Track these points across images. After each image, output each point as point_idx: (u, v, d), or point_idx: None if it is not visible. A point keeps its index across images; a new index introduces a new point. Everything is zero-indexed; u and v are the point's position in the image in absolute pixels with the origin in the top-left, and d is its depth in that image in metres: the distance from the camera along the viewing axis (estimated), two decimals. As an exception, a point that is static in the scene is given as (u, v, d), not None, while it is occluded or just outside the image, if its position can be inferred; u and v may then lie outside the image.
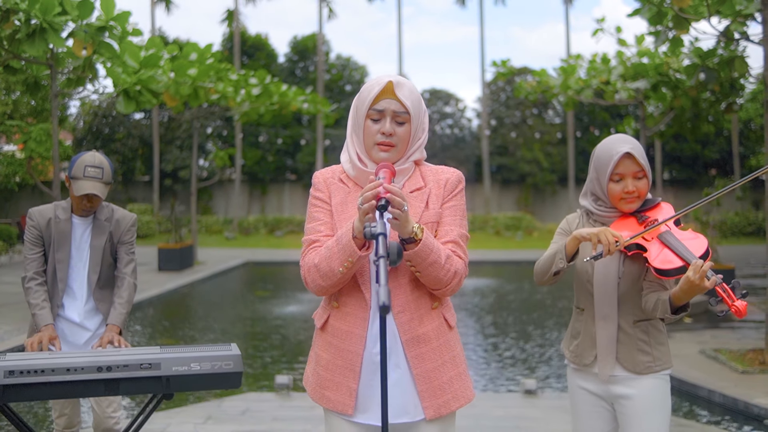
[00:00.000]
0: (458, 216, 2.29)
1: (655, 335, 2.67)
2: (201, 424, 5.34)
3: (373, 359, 2.19)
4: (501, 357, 8.58)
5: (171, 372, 2.62)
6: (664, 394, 2.65)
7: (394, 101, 2.21)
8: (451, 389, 2.23)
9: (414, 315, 2.20)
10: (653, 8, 9.33)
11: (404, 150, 2.27)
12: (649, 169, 2.69)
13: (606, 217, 2.74)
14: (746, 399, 6.00)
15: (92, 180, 3.42)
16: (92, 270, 3.52)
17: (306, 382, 2.38)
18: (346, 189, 2.29)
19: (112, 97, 11.55)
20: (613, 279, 2.66)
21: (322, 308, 2.34)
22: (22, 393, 2.54)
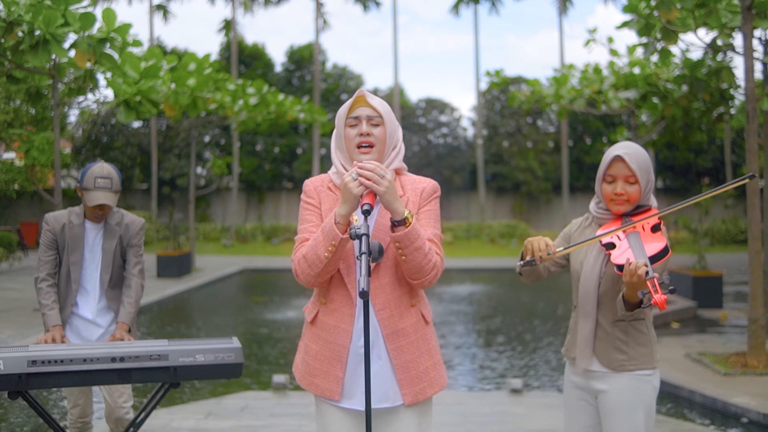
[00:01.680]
0: (433, 219, 2.55)
1: (634, 336, 2.79)
2: (202, 419, 5.59)
3: (357, 351, 2.44)
4: (491, 359, 8.81)
5: (178, 362, 2.86)
6: (639, 393, 2.76)
7: (367, 108, 2.51)
8: (427, 377, 2.49)
9: (394, 312, 2.46)
10: (641, 20, 9.57)
11: (383, 150, 2.52)
12: (644, 177, 2.79)
13: (601, 218, 2.90)
14: (725, 399, 6.24)
15: (102, 190, 3.67)
16: (104, 271, 3.76)
17: (295, 370, 2.62)
18: (334, 196, 2.55)
19: (113, 107, 11.78)
20: (595, 278, 2.82)
21: (312, 304, 2.59)
22: (42, 381, 2.77)
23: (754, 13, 8.47)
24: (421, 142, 33.06)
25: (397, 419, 2.46)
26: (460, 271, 19.11)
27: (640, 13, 9.49)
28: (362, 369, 2.42)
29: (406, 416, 2.46)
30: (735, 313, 11.70)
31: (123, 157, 28.65)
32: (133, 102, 11.38)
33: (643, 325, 2.82)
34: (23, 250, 20.94)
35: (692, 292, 12.36)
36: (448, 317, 11.89)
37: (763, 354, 7.59)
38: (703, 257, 13.01)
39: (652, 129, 16.34)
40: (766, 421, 5.79)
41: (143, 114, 11.54)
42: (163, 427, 5.33)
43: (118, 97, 11.45)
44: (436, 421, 5.41)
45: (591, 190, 32.44)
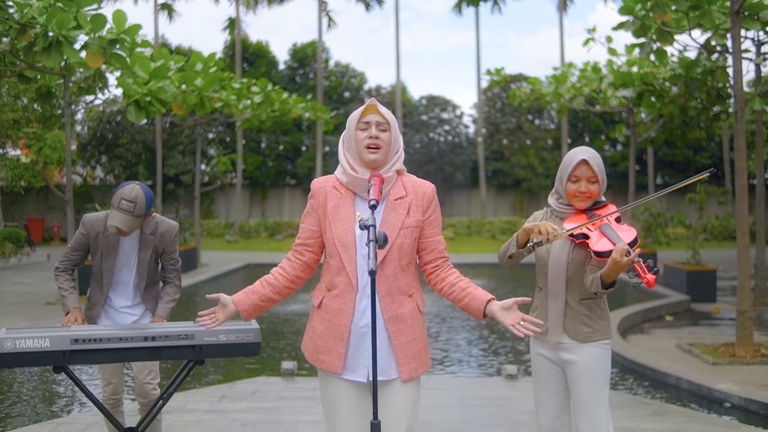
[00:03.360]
0: (439, 227, 2.99)
1: (596, 311, 3.25)
2: (216, 402, 5.95)
3: (359, 331, 2.83)
4: (489, 349, 9.14)
5: (203, 342, 3.20)
6: (602, 359, 3.23)
7: (376, 115, 2.89)
8: (419, 358, 2.89)
9: (395, 299, 2.85)
10: (637, 22, 9.85)
11: (388, 153, 2.89)
12: (603, 178, 3.26)
13: (563, 212, 3.33)
14: (709, 385, 6.57)
15: (123, 213, 3.73)
16: (140, 279, 4.03)
17: (304, 348, 3.01)
18: (339, 195, 2.91)
19: (123, 107, 12.10)
20: (564, 263, 3.26)
21: (318, 290, 2.97)
22: (83, 357, 3.11)
23: (746, 14, 8.77)
24: (422, 139, 33.36)
25: (393, 392, 2.84)
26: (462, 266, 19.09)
27: (636, 14, 9.77)
28: (363, 346, 2.82)
29: (402, 390, 2.84)
30: (728, 306, 12.00)
31: (128, 154, 28.98)
32: (144, 102, 11.68)
33: (602, 302, 3.29)
34: (31, 246, 21.28)
35: (686, 286, 12.67)
36: (450, 310, 12.22)
37: (751, 344, 7.91)
38: (697, 252, 13.32)
39: (651, 127, 16.62)
40: (747, 405, 6.11)
41: (153, 113, 11.86)
42: (180, 409, 5.68)
43: (129, 97, 11.76)
44: (435, 404, 5.79)
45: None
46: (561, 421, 3.33)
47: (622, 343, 8.58)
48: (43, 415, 6.05)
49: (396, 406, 2.82)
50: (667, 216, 16.70)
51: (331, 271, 2.88)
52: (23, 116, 20.88)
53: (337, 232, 2.84)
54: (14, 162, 22.00)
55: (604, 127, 31.62)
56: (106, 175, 30.78)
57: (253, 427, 5.29)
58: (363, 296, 2.82)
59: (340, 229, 2.85)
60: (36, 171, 20.95)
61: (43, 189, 26.05)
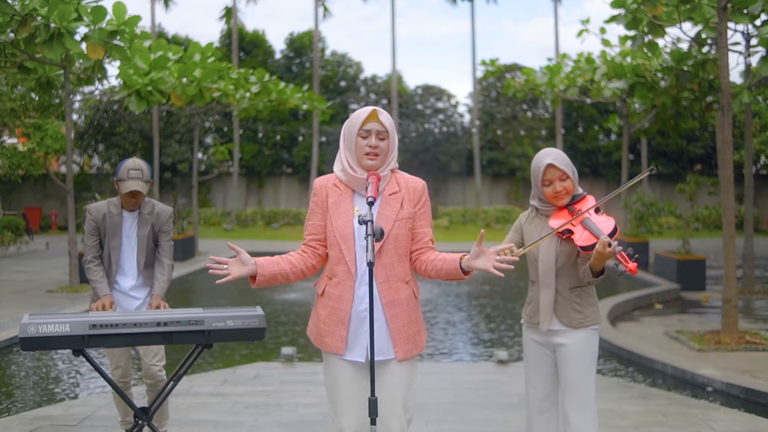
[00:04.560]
0: (428, 218, 3.21)
1: (586, 299, 3.51)
2: (219, 385, 6.20)
3: (358, 315, 3.07)
4: (482, 335, 9.38)
5: (212, 327, 3.43)
6: (591, 342, 3.50)
7: (377, 123, 3.09)
8: (414, 340, 3.13)
9: (392, 285, 3.09)
10: (629, 15, 10.04)
11: (385, 159, 3.13)
12: (572, 171, 3.49)
13: (547, 210, 3.59)
14: (693, 370, 6.83)
15: (134, 180, 4.30)
16: (140, 254, 4.41)
17: (309, 333, 3.27)
18: (339, 191, 3.16)
19: (124, 96, 12.26)
20: (553, 256, 3.50)
21: (321, 279, 3.22)
22: (101, 341, 3.34)
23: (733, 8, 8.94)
24: (418, 128, 33.54)
25: (390, 371, 3.08)
26: (456, 255, 19.61)
27: (628, 7, 9.96)
28: (362, 329, 3.07)
29: (398, 369, 3.09)
30: (717, 295, 12.25)
31: (125, 143, 29.10)
32: (144, 91, 11.84)
33: (591, 290, 3.56)
34: (30, 234, 21.45)
35: (676, 275, 12.93)
36: (444, 298, 12.48)
37: (736, 332, 8.16)
38: (687, 242, 13.57)
39: (644, 117, 16.83)
40: (728, 389, 6.38)
41: (153, 103, 12.04)
42: (185, 392, 5.93)
43: (129, 87, 11.92)
44: (430, 387, 6.04)
45: (585, 176, 32.96)
46: (549, 402, 3.59)
47: (612, 330, 8.83)
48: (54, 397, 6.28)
49: (392, 384, 3.06)
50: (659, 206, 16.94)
51: (332, 261, 3.13)
52: (21, 105, 21.02)
53: (337, 225, 3.08)
54: (12, 150, 22.16)
55: (598, 117, 31.82)
56: (103, 163, 30.91)
57: (256, 409, 5.54)
58: (362, 283, 3.07)
59: (340, 222, 3.09)
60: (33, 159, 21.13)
61: (40, 177, 26.22)
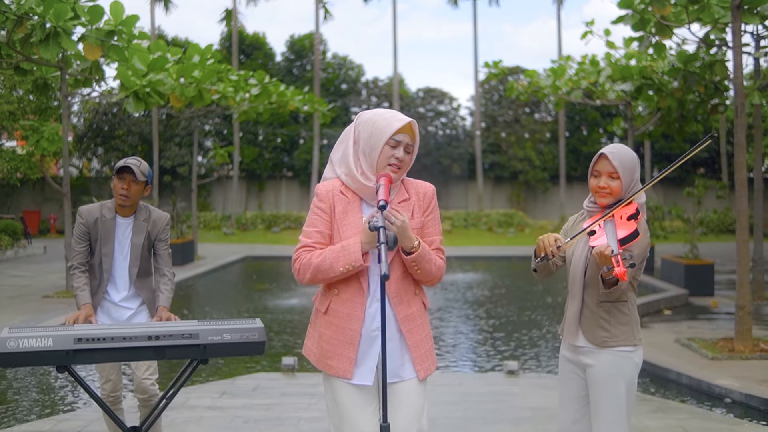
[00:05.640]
0: (437, 225, 2.96)
1: (616, 315, 3.13)
2: (217, 398, 5.94)
3: (370, 335, 2.80)
4: (489, 343, 9.14)
5: (207, 341, 3.17)
6: (620, 368, 3.09)
7: (408, 136, 2.87)
8: (430, 357, 2.89)
9: (404, 299, 2.84)
10: (636, 15, 9.83)
11: (406, 170, 2.91)
12: (626, 174, 3.14)
13: (590, 210, 3.28)
14: (709, 380, 6.58)
15: (130, 162, 4.03)
16: (132, 264, 4.11)
17: (308, 354, 2.97)
18: (346, 200, 2.87)
19: (121, 98, 12.04)
20: (582, 264, 3.19)
21: (323, 295, 2.92)
22: (87, 357, 3.08)
23: (745, 8, 8.74)
24: (420, 131, 33.27)
25: (405, 392, 2.81)
26: (459, 259, 19.43)
27: (635, 8, 9.74)
28: (373, 350, 2.80)
29: (415, 389, 2.82)
30: (725, 300, 12.02)
31: (124, 146, 28.89)
32: (143, 93, 11.62)
33: (626, 306, 3.16)
34: (27, 238, 21.22)
35: (684, 280, 12.68)
36: (448, 304, 12.23)
37: (750, 339, 7.92)
38: (695, 246, 13.32)
39: (648, 120, 16.60)
40: (747, 401, 6.13)
41: (151, 105, 11.81)
42: (181, 405, 5.67)
43: (127, 88, 11.69)
44: (438, 400, 5.79)
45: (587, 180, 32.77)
46: (580, 426, 3.24)
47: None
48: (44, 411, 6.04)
49: (409, 406, 2.81)
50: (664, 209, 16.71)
51: None
52: (19, 108, 20.80)
53: (346, 237, 2.81)
54: (10, 154, 21.93)
55: (601, 120, 31.61)
56: (102, 166, 30.68)
57: (255, 423, 5.29)
58: (373, 300, 2.81)
59: (349, 233, 2.81)
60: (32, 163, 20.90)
61: (39, 181, 25.99)
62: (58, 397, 6.56)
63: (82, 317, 3.83)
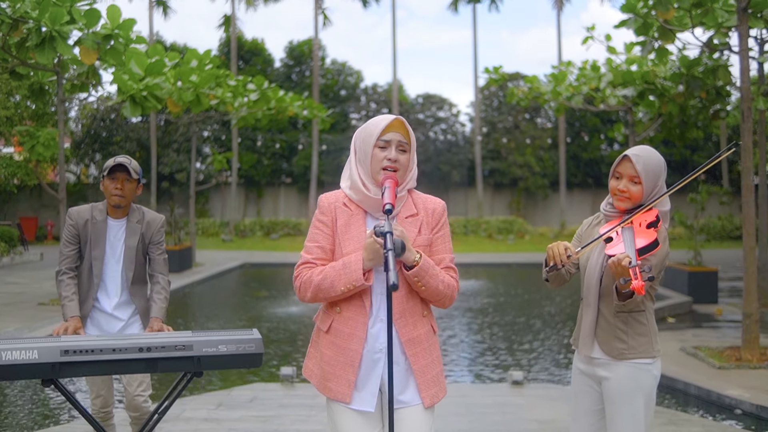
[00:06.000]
0: (447, 243, 2.79)
1: (634, 326, 2.96)
2: (213, 410, 5.76)
3: (372, 357, 2.62)
4: (492, 352, 8.98)
5: (202, 353, 3.01)
6: (638, 381, 2.93)
7: (398, 133, 2.66)
8: (438, 383, 2.69)
9: (409, 320, 2.65)
10: (639, 20, 9.71)
11: (404, 175, 2.69)
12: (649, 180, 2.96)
13: (608, 214, 3.10)
14: (719, 390, 6.42)
15: (121, 160, 3.87)
16: (126, 268, 3.89)
17: (309, 375, 2.81)
18: (349, 212, 2.70)
19: (118, 103, 11.90)
20: (598, 272, 3.02)
21: (324, 313, 2.75)
22: (74, 370, 2.92)
23: (749, 12, 8.62)
24: (419, 137, 33.20)
25: (410, 420, 2.63)
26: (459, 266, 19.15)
27: (638, 12, 9.62)
28: (374, 373, 2.63)
29: (422, 417, 2.64)
30: (729, 308, 11.87)
31: (122, 152, 28.74)
32: (139, 97, 11.48)
33: (643, 316, 2.98)
34: (24, 245, 21.04)
35: (688, 287, 12.53)
36: (448, 311, 12.06)
37: (757, 348, 7.76)
38: (698, 253, 13.17)
39: (650, 126, 16.48)
40: (758, 412, 5.97)
41: (148, 110, 11.67)
42: (176, 417, 5.50)
43: (124, 92, 11.55)
44: (441, 412, 5.61)
45: (588, 186, 32.63)
46: None
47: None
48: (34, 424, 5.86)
49: None
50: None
51: None
52: (16, 113, 20.67)
53: (348, 252, 2.64)
54: (7, 160, 21.77)
55: (601, 126, 31.50)
56: (99, 173, 30.50)
57: (252, 436, 5.12)
58: (376, 320, 2.64)
59: (351, 248, 2.64)
60: (29, 169, 20.75)
61: (36, 187, 25.84)
62: (48, 410, 6.39)
63: (70, 329, 3.65)
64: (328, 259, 2.69)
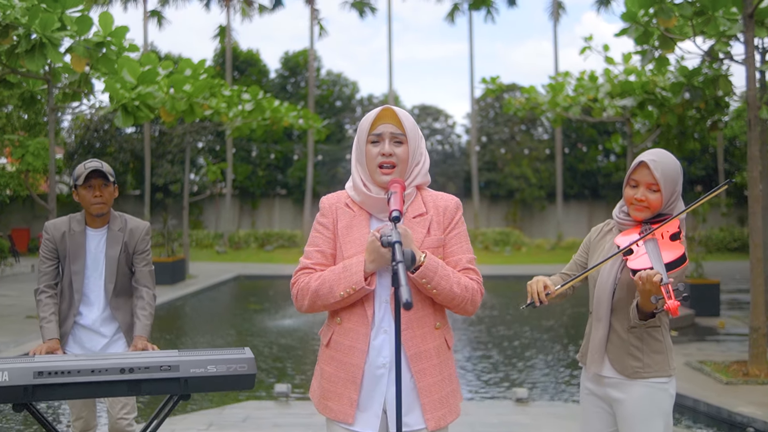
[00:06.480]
0: (463, 242, 2.50)
1: (650, 343, 2.75)
2: (204, 430, 5.51)
3: (374, 372, 2.37)
4: (494, 368, 8.75)
5: (189, 374, 2.78)
6: (655, 401, 2.71)
7: (390, 125, 2.41)
8: (447, 404, 2.42)
9: (417, 332, 2.39)
10: (640, 28, 9.54)
11: (404, 170, 2.44)
12: (668, 186, 2.75)
13: (622, 223, 2.87)
14: (729, 408, 6.21)
15: (93, 165, 3.62)
16: (108, 280, 3.64)
17: (312, 395, 2.55)
18: (352, 213, 2.47)
19: (110, 112, 11.68)
20: (610, 284, 2.79)
21: (326, 326, 2.52)
22: (49, 393, 2.68)
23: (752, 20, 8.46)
24: (415, 148, 33.05)
25: None
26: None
27: (639, 20, 9.47)
28: (378, 390, 2.38)
29: None
30: (732, 321, 11.68)
31: (116, 163, 28.50)
32: (131, 107, 11.28)
33: (659, 332, 2.77)
34: (15, 257, 20.77)
35: (689, 299, 12.31)
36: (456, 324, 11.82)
37: (765, 363, 7.55)
38: (700, 265, 12.99)
39: (647, 137, 16.34)
40: (772, 431, 5.75)
41: (141, 119, 11.45)
42: (165, 438, 5.25)
43: (116, 101, 11.35)
44: None
45: (584, 198, 32.47)
46: None
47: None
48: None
49: None
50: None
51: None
52: (8, 123, 20.43)
53: (350, 256, 2.40)
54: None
55: (598, 137, 31.37)
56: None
57: (244, 457, 4.87)
58: (379, 331, 2.38)
59: (353, 251, 2.40)
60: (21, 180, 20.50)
61: (28, 198, 25.57)
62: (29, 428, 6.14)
63: (46, 350, 3.40)
64: (328, 265, 2.45)
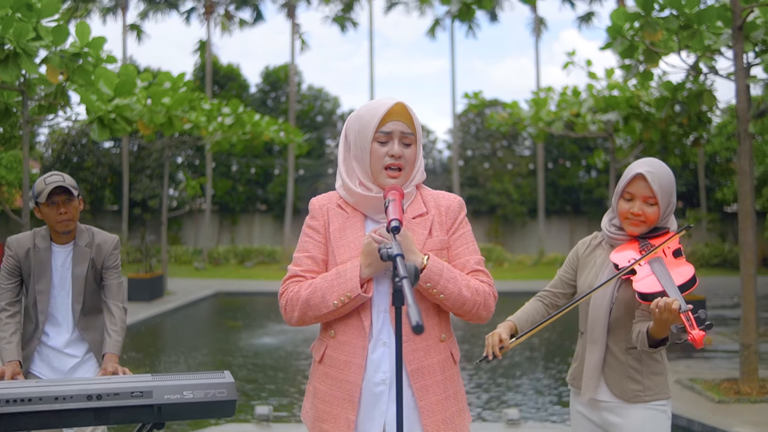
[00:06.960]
0: (469, 243, 2.29)
1: (649, 364, 2.61)
2: (180, 456, 5.24)
3: (373, 390, 2.16)
4: (482, 387, 8.55)
5: (163, 400, 2.55)
6: (656, 424, 2.58)
7: (401, 122, 2.20)
8: (452, 425, 2.20)
9: (419, 345, 2.17)
10: (625, 42, 9.47)
11: (410, 174, 2.25)
12: (665, 198, 2.61)
13: (614, 238, 2.70)
14: (725, 428, 6.06)
15: (54, 179, 3.36)
16: (75, 300, 3.42)
17: (305, 417, 2.33)
18: (345, 215, 2.26)
19: (86, 125, 11.41)
20: (606, 304, 2.63)
21: (318, 340, 2.30)
22: (8, 423, 2.44)
23: (740, 33, 8.41)
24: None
25: None
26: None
27: (624, 34, 9.40)
28: (378, 410, 2.15)
29: None
30: (719, 337, 11.58)
31: (93, 178, 28.11)
32: (108, 119, 11.03)
33: (658, 353, 2.63)
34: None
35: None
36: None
37: (756, 380, 7.43)
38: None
39: (630, 152, 16.32)
40: (771, 452, 5.59)
41: (117, 132, 11.19)
42: (138, 465, 4.97)
43: (92, 114, 11.10)
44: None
45: (566, 214, 32.48)
46: None
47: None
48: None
49: None
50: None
51: None
52: (-17, 138, 20.06)
53: (343, 261, 2.18)
54: (-27, 185, 21.11)
55: (580, 153, 31.44)
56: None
57: (223, 485, 4.61)
58: (377, 343, 2.16)
59: (347, 256, 2.18)
60: (-5, 195, 20.08)
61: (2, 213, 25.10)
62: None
63: (7, 375, 3.14)
64: (320, 272, 2.23)
